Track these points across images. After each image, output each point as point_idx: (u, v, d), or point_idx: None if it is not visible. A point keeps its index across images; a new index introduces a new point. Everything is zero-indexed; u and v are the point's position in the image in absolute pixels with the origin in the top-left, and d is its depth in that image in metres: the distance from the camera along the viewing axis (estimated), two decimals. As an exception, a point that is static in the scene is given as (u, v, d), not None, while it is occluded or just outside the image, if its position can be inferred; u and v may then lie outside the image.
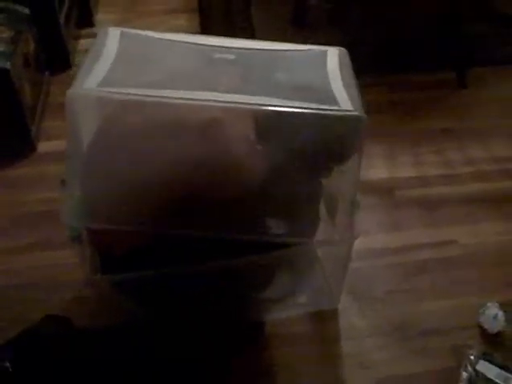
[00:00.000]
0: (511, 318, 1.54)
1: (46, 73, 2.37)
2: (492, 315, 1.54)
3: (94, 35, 2.70)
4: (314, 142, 1.25)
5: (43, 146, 2.16)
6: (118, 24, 2.79)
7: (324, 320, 1.59)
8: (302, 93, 1.29)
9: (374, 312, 1.60)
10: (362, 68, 1.44)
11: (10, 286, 1.65)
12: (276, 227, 1.35)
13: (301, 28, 2.53)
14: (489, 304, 1.56)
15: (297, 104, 1.24)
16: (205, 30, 2.65)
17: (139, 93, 1.23)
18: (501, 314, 1.54)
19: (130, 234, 1.32)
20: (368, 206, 1.58)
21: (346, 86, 1.34)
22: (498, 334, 1.53)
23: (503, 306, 1.55)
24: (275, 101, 1.24)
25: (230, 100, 1.24)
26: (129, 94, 1.23)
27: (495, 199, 1.93)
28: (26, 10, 2.20)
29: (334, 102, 1.26)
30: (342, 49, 1.50)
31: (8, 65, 1.94)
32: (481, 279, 1.67)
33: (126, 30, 1.47)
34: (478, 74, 2.39)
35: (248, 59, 1.45)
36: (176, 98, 1.22)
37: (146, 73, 1.33)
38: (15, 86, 1.98)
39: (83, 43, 2.63)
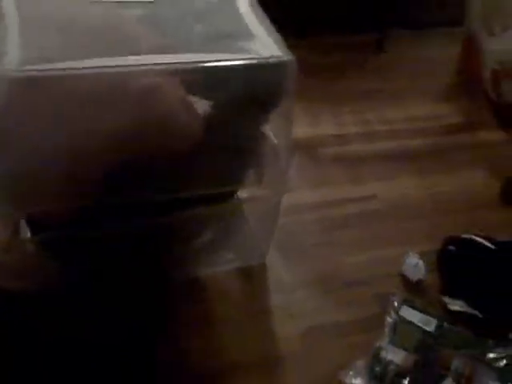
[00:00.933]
0: (431, 267, 1.62)
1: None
2: (413, 264, 1.61)
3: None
4: (248, 90, 1.25)
5: None
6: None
7: (253, 274, 1.62)
8: (225, 42, 1.28)
9: (301, 265, 1.64)
10: (281, 30, 1.39)
11: None
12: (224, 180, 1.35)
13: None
14: (410, 253, 1.63)
15: (227, 56, 1.23)
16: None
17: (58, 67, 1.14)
18: (421, 262, 1.61)
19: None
20: (292, 163, 1.61)
21: (265, 29, 1.32)
22: (419, 282, 1.60)
23: (423, 255, 1.63)
24: (203, 56, 1.22)
25: (158, 62, 1.20)
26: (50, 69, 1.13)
27: (410, 156, 2.02)
28: None
29: (261, 47, 1.25)
30: None
31: None
32: (401, 231, 1.74)
33: None
34: (397, 36, 2.47)
35: (159, 12, 1.39)
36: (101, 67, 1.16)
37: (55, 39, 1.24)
38: None
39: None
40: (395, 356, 1.42)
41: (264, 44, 1.27)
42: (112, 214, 1.31)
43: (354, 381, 1.37)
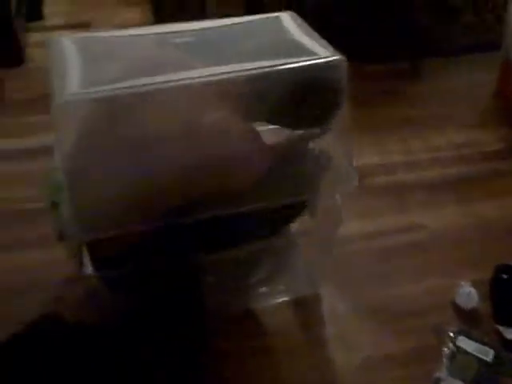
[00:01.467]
0: (483, 295, 1.63)
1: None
2: (466, 293, 1.62)
3: (44, 28, 2.68)
4: (309, 90, 1.27)
5: (1, 143, 2.10)
6: (67, 15, 2.75)
7: (307, 306, 1.64)
8: (278, 53, 1.30)
9: (354, 296, 1.66)
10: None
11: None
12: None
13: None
14: (462, 283, 1.65)
15: (283, 61, 1.24)
16: (158, 21, 2.63)
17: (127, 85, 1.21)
18: (473, 291, 1.63)
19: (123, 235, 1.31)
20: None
21: (312, 38, 1.36)
22: (472, 311, 1.61)
23: (475, 284, 1.64)
24: (260, 64, 1.24)
25: (220, 71, 1.23)
26: (117, 89, 1.20)
27: (454, 183, 2.04)
28: (-21, 3, 2.14)
29: (312, 53, 1.29)
30: (291, 12, 1.51)
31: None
32: (451, 260, 1.76)
33: (77, 35, 1.46)
34: (429, 64, 2.50)
35: (211, 38, 1.44)
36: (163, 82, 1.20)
37: (118, 70, 1.30)
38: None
39: (35, 37, 2.57)
40: (455, 387, 1.43)
41: (315, 49, 1.31)
42: (169, 250, 1.35)
43: (415, 413, 1.38)
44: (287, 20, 1.47)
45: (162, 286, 1.43)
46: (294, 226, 1.57)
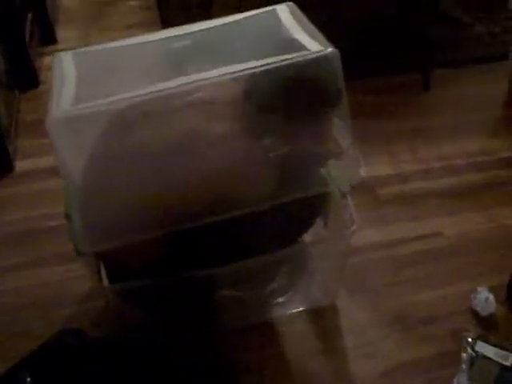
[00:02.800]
0: (501, 300, 1.63)
1: (16, 91, 2.35)
2: (483, 299, 1.62)
3: (57, 52, 2.73)
4: (307, 86, 1.25)
5: (20, 165, 2.14)
6: (80, 40, 2.80)
7: (324, 316, 1.64)
8: (271, 50, 1.28)
9: (371, 305, 1.66)
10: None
11: (6, 307, 1.64)
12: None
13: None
14: (479, 289, 1.65)
15: (273, 60, 1.22)
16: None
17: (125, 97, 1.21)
18: (491, 297, 1.62)
19: (141, 248, 1.32)
20: (353, 204, 1.64)
21: (307, 32, 1.34)
22: (490, 317, 1.61)
23: (492, 289, 1.64)
24: (251, 64, 1.23)
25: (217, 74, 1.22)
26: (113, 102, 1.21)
27: (468, 191, 2.03)
28: (-8, 27, 2.19)
29: (304, 48, 1.27)
30: (290, 3, 1.50)
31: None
32: (468, 266, 1.76)
33: (77, 50, 1.49)
34: (440, 75, 2.51)
35: (206, 40, 1.45)
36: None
37: (115, 82, 1.33)
38: (-9, 106, 1.97)
39: (48, 60, 2.62)
40: (475, 392, 1.43)
41: (307, 43, 1.29)
42: (184, 263, 1.36)
43: (437, 418, 1.38)
44: (284, 13, 1.46)
45: (178, 298, 1.45)
46: (308, 237, 1.58)
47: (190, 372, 1.47)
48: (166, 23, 2.76)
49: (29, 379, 1.25)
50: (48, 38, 2.71)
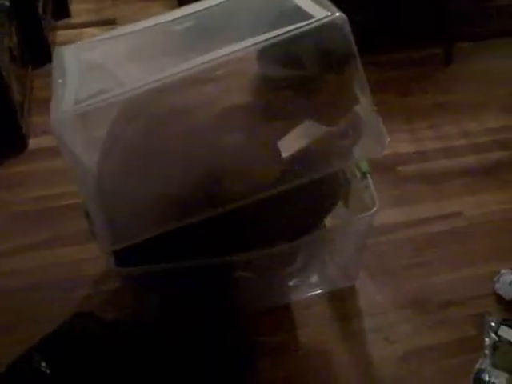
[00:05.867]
0: (525, 284, 1.59)
1: (29, 67, 2.31)
2: (508, 282, 1.58)
3: (71, 26, 2.69)
4: (320, 51, 1.20)
5: (34, 143, 2.11)
6: (94, 13, 2.75)
7: (344, 298, 1.62)
8: (278, 22, 1.23)
9: (392, 287, 1.63)
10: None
11: (22, 287, 1.62)
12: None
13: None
14: (503, 271, 1.61)
15: (279, 32, 1.17)
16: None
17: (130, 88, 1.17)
18: (515, 280, 1.59)
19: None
20: (373, 183, 1.61)
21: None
22: (514, 300, 1.58)
23: (516, 272, 1.60)
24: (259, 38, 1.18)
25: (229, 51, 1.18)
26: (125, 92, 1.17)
27: (491, 170, 1.98)
28: (7, 2, 2.13)
29: (310, 16, 1.21)
30: None
31: (-3, 60, 1.88)
32: (490, 248, 1.72)
33: (78, 43, 1.45)
34: (461, 49, 2.44)
35: (212, 17, 1.40)
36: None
37: (120, 72, 1.28)
38: (5, 82, 1.93)
39: (61, 34, 2.58)
40: (498, 378, 1.40)
41: (314, 11, 1.23)
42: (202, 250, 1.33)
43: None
44: None
45: (194, 281, 1.42)
46: (329, 221, 1.54)
47: (207, 355, 1.45)
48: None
49: (44, 364, 1.23)
50: (61, 11, 2.65)
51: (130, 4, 2.82)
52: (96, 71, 1.32)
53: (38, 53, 2.35)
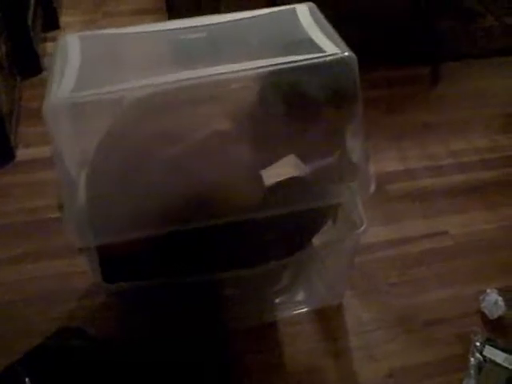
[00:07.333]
0: (511, 303, 1.59)
1: (18, 77, 2.30)
2: (492, 301, 1.59)
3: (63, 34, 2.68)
4: (316, 92, 1.20)
5: (22, 153, 2.10)
6: (84, 25, 2.75)
7: (330, 316, 1.61)
8: (287, 49, 1.25)
9: (378, 305, 1.63)
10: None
11: (6, 300, 1.61)
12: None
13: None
14: (488, 291, 1.61)
15: (288, 59, 1.18)
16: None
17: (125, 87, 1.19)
18: (500, 299, 1.59)
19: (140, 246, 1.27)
20: (361, 201, 1.61)
21: (325, 34, 1.31)
22: (499, 319, 1.58)
23: (502, 291, 1.61)
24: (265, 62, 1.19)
25: (228, 70, 1.18)
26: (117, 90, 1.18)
27: (478, 189, 1.99)
28: (-4, 13, 2.14)
29: (321, 49, 1.23)
30: (310, 3, 1.45)
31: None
32: (477, 267, 1.72)
33: (84, 33, 1.44)
34: (449, 68, 2.47)
35: (221, 34, 1.41)
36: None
37: (121, 70, 1.29)
38: (-8, 92, 1.93)
39: (51, 46, 2.58)
40: (483, 399, 1.40)
41: (325, 45, 1.25)
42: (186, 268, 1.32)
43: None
44: (303, 12, 1.41)
45: (178, 298, 1.41)
46: (316, 239, 1.54)
47: (191, 374, 1.44)
48: (173, 10, 2.70)
49: (27, 379, 1.22)
50: (51, 23, 2.65)
51: (121, 17, 2.83)
52: (98, 65, 1.31)
53: (26, 64, 2.35)
